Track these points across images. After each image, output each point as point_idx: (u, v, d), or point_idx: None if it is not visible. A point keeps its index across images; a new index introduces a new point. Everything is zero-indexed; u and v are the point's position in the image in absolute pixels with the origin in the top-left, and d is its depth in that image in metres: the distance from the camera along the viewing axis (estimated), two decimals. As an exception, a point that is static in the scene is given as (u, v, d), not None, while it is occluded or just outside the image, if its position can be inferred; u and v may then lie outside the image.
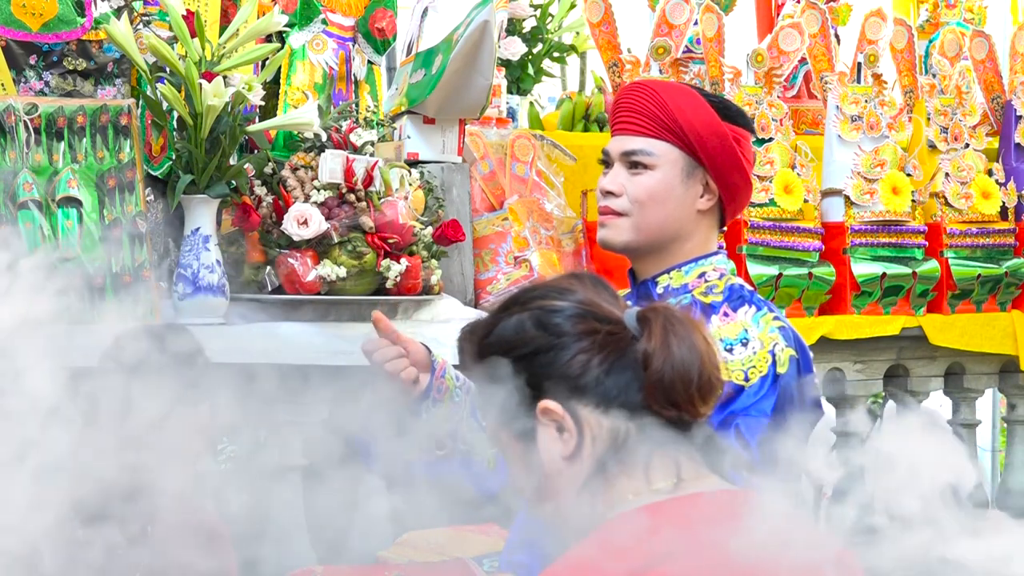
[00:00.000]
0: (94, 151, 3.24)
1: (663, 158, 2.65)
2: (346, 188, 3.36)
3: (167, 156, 3.35)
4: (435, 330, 3.51)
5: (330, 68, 3.71)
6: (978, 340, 4.50)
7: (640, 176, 2.66)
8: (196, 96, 3.15)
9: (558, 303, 1.74)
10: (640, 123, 2.66)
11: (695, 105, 2.65)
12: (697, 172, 2.65)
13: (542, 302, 1.75)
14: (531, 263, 3.84)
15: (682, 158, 2.64)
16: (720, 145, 2.64)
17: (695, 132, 2.63)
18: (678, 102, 2.65)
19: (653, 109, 2.65)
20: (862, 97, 4.39)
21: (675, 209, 2.66)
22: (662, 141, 2.64)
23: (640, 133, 2.66)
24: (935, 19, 5.19)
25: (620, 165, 2.68)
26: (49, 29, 3.30)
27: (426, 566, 3.21)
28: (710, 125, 2.64)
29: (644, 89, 2.69)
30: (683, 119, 2.63)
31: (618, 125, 2.70)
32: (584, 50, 5.17)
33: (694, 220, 2.67)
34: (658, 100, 2.65)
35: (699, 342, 1.70)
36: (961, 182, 4.52)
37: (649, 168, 2.65)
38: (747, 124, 2.71)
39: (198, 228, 3.26)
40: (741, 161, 2.66)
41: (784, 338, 2.57)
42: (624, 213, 2.67)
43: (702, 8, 4.28)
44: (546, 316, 1.74)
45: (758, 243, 4.16)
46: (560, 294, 1.76)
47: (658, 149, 2.64)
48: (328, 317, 3.43)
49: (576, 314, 1.73)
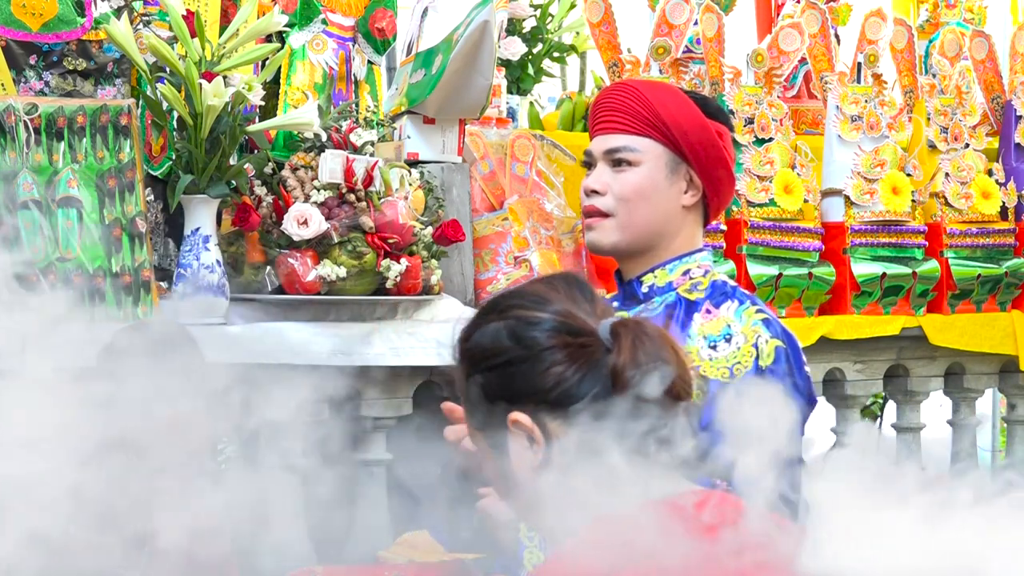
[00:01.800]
0: (94, 151, 3.24)
1: (647, 154, 2.65)
2: (346, 188, 3.36)
3: (167, 156, 3.35)
4: (435, 330, 3.51)
5: (330, 68, 3.71)
6: (978, 340, 4.49)
7: (624, 173, 2.66)
8: (196, 96, 3.15)
9: (534, 314, 1.75)
10: (622, 121, 2.66)
11: (677, 101, 2.66)
12: (681, 168, 2.66)
13: (519, 312, 1.76)
14: (531, 263, 3.84)
15: (666, 153, 2.65)
16: (704, 139, 2.64)
17: (679, 127, 2.63)
18: (660, 98, 2.65)
19: (635, 106, 2.65)
20: (862, 97, 4.39)
21: (661, 205, 2.66)
22: (645, 137, 2.64)
23: (623, 131, 2.66)
24: (935, 19, 5.19)
25: (603, 164, 2.68)
26: (49, 29, 3.30)
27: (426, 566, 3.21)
28: (693, 119, 2.64)
29: (625, 88, 2.70)
30: (666, 114, 2.63)
31: (599, 125, 2.71)
32: (584, 50, 5.16)
33: (679, 216, 2.67)
34: (640, 97, 2.65)
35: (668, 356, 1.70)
36: (961, 182, 4.52)
37: (633, 165, 2.65)
38: (726, 120, 2.73)
39: (198, 228, 3.26)
40: (724, 155, 2.67)
41: (768, 329, 2.55)
42: (609, 213, 2.67)
43: (702, 8, 4.27)
44: (521, 328, 1.75)
45: (758, 243, 4.16)
46: (536, 304, 1.76)
47: (642, 145, 2.64)
48: (328, 317, 3.43)
49: (551, 328, 1.74)
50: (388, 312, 3.50)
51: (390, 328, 3.46)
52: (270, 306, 3.41)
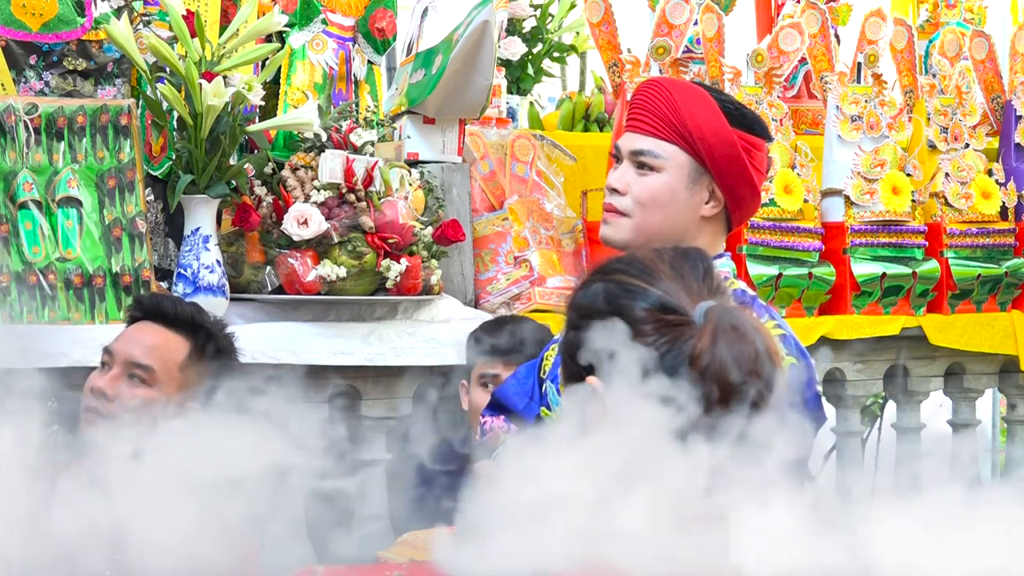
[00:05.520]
0: (94, 151, 3.24)
1: (670, 161, 2.61)
2: (346, 188, 3.36)
3: (167, 156, 3.35)
4: (435, 330, 3.52)
5: (330, 68, 3.71)
6: (978, 340, 4.49)
7: (646, 177, 2.63)
8: (196, 96, 3.15)
9: (634, 283, 1.75)
10: (651, 123, 2.63)
11: (707, 110, 2.60)
12: (703, 178, 2.61)
13: (621, 277, 1.76)
14: (531, 263, 3.84)
15: (689, 163, 2.60)
16: (728, 154, 2.59)
17: (703, 138, 2.59)
18: (690, 106, 2.61)
19: (664, 110, 2.62)
20: (862, 97, 4.39)
21: (677, 214, 2.62)
22: (670, 144, 2.60)
23: (650, 133, 2.63)
24: (935, 19, 5.18)
25: (628, 163, 2.66)
26: (49, 29, 3.31)
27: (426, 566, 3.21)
28: (719, 133, 2.59)
29: (658, 88, 2.65)
30: (692, 124, 2.59)
31: (631, 121, 2.68)
32: (584, 50, 5.17)
33: (697, 225, 2.64)
34: (670, 102, 2.61)
35: (748, 351, 1.70)
36: (961, 182, 4.52)
37: (655, 170, 2.62)
38: (762, 132, 2.65)
39: (198, 228, 3.26)
40: (749, 171, 2.61)
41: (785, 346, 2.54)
42: (626, 213, 2.65)
43: (702, 8, 4.27)
44: (618, 294, 1.75)
45: (758, 243, 4.16)
46: (641, 273, 1.76)
47: (666, 152, 2.61)
48: (328, 317, 3.43)
49: (644, 299, 1.73)
50: (388, 312, 3.50)
51: (390, 328, 3.47)
52: (270, 306, 3.41)
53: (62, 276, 3.17)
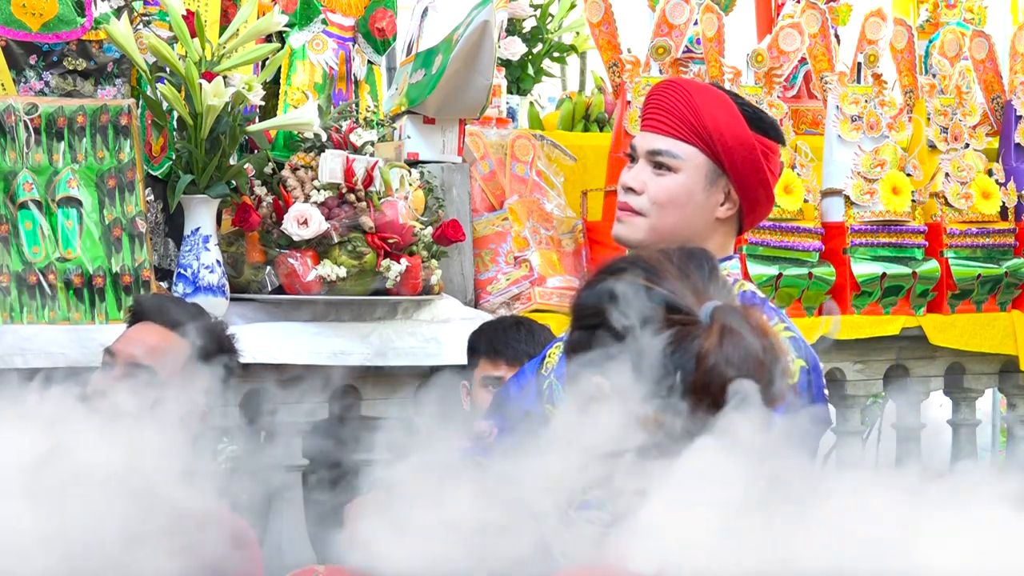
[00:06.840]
0: (94, 151, 3.24)
1: (688, 162, 2.60)
2: (346, 188, 3.36)
3: (167, 156, 3.35)
4: (435, 330, 3.52)
5: (330, 68, 3.71)
6: (978, 340, 4.49)
7: (663, 177, 2.62)
8: (196, 96, 3.15)
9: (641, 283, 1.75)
10: (669, 123, 2.62)
11: (727, 113, 2.60)
12: (720, 180, 2.60)
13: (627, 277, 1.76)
14: (531, 263, 3.84)
15: (707, 164, 2.60)
16: (746, 157, 2.59)
17: (723, 140, 2.58)
18: (710, 108, 2.60)
19: (684, 111, 2.61)
20: (862, 97, 4.39)
21: (692, 215, 2.61)
22: (689, 145, 2.59)
23: (668, 133, 2.62)
24: (935, 19, 5.18)
25: (644, 162, 2.64)
26: (49, 29, 3.31)
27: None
28: (739, 136, 2.58)
29: (678, 89, 2.65)
30: (712, 126, 2.58)
31: (647, 121, 2.67)
32: (584, 50, 5.17)
33: (711, 227, 2.63)
34: (690, 103, 2.61)
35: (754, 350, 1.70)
36: (961, 182, 4.52)
37: (673, 170, 2.61)
38: (778, 136, 2.66)
39: (198, 228, 3.26)
40: (766, 174, 2.61)
41: (795, 348, 2.53)
42: (641, 212, 2.63)
43: (702, 8, 4.27)
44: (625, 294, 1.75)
45: (758, 243, 4.16)
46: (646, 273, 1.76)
47: (684, 152, 2.60)
48: (328, 317, 3.43)
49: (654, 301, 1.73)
50: (388, 312, 3.50)
51: (390, 328, 3.47)
52: (270, 306, 3.41)
53: (62, 276, 3.17)
